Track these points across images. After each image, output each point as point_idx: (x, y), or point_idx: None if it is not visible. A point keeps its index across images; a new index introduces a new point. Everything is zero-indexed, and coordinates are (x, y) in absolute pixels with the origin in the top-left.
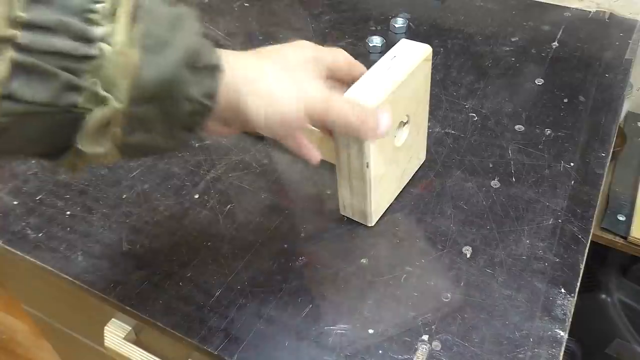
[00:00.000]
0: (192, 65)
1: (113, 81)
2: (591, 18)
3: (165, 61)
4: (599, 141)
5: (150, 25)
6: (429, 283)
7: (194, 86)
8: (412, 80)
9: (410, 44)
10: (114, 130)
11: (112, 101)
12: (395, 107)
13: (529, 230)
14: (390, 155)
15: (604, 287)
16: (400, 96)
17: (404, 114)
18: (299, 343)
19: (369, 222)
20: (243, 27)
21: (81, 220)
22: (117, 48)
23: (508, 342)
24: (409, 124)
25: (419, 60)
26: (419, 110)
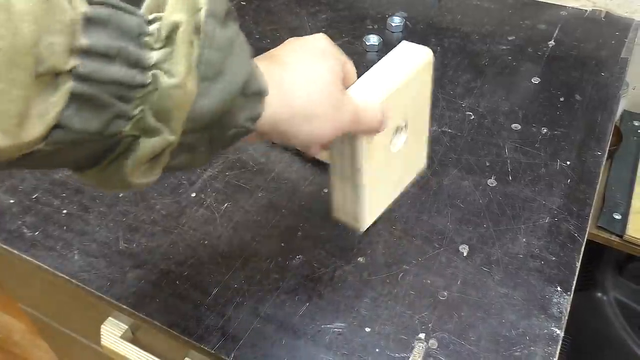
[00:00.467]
0: (244, 93)
1: (168, 112)
2: (587, 17)
3: (221, 91)
4: (595, 140)
5: (208, 50)
6: (425, 281)
7: (243, 112)
8: (410, 85)
9: (411, 47)
10: (165, 154)
11: (165, 133)
12: (392, 111)
13: (525, 229)
14: (384, 161)
15: (600, 285)
16: (398, 100)
17: (401, 119)
18: (296, 341)
19: (360, 228)
20: (240, 26)
21: (78, 219)
22: (174, 81)
23: (504, 340)
24: (406, 129)
25: (420, 64)
26: (418, 116)
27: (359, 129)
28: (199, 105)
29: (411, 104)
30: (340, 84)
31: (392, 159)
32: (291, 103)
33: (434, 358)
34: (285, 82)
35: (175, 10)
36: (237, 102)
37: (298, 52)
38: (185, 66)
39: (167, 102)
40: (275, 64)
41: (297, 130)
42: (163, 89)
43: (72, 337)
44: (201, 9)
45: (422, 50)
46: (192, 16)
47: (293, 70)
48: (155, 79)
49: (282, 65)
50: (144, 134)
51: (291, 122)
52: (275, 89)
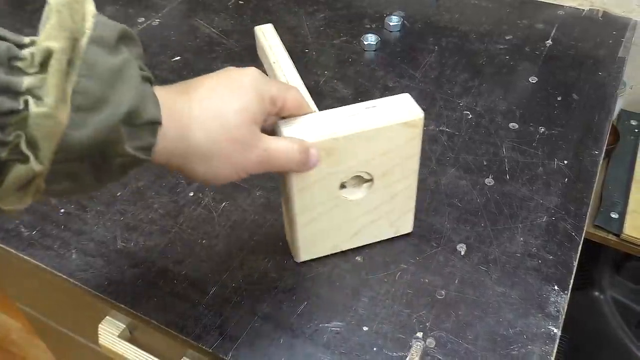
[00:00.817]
0: (130, 122)
1: (35, 141)
2: (585, 16)
3: (99, 121)
4: (592, 139)
5: (87, 81)
6: (423, 280)
7: (130, 141)
8: (377, 138)
9: (405, 102)
10: (37, 182)
11: (33, 161)
12: (340, 157)
13: (522, 228)
14: (330, 204)
15: (597, 284)
16: (351, 148)
17: (359, 168)
18: (294, 340)
19: (296, 258)
20: (238, 25)
21: (75, 218)
22: (43, 110)
23: (502, 339)
24: (372, 182)
25: (396, 122)
26: (395, 174)
27: (273, 170)
28: (71, 136)
29: (381, 159)
30: (254, 123)
31: (348, 207)
32: (187, 139)
33: (432, 357)
34: (185, 116)
35: (51, 35)
36: (120, 132)
37: (212, 85)
38: (55, 96)
39: (36, 130)
40: (182, 94)
41: (192, 168)
42: (32, 117)
43: (70, 336)
44: (84, 35)
45: (411, 109)
46: (70, 43)
47: (198, 104)
48: (26, 105)
49: (189, 97)
50: (19, 161)
51: (186, 159)
52: (172, 122)
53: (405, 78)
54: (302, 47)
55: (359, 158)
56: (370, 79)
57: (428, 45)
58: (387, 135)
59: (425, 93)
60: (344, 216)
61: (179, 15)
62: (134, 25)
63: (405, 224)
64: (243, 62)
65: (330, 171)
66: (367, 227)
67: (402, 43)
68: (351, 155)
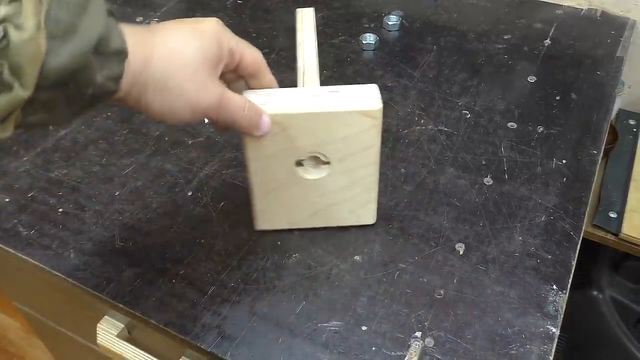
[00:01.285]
0: (99, 51)
1: (20, 67)
2: (583, 16)
3: (72, 48)
4: (591, 138)
5: (57, 9)
6: (422, 280)
7: (100, 71)
8: (334, 123)
9: (368, 91)
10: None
11: (18, 88)
12: (296, 134)
13: (521, 227)
14: (286, 180)
15: (596, 283)
16: (307, 127)
17: (315, 149)
18: (293, 340)
19: (255, 225)
20: (236, 24)
21: (73, 218)
22: (24, 35)
23: (500, 339)
24: (330, 165)
25: (353, 109)
26: (353, 162)
27: (226, 120)
28: (49, 63)
29: (338, 144)
30: (212, 67)
31: (306, 186)
32: (147, 70)
33: (431, 356)
34: (148, 49)
35: None
36: (92, 60)
37: (175, 27)
38: (34, 21)
39: (20, 56)
40: (148, 32)
41: (150, 99)
42: (14, 44)
43: (68, 335)
44: None
45: (371, 100)
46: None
47: (162, 40)
48: (6, 33)
49: (153, 34)
50: (1, 90)
51: (146, 88)
52: (136, 54)
53: (403, 77)
54: None
55: (315, 139)
56: (368, 78)
57: (426, 45)
58: (344, 121)
59: (424, 92)
60: (302, 194)
61: (178, 15)
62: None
63: (366, 215)
64: None
65: (286, 147)
66: (325, 209)
67: (400, 43)
68: (307, 134)
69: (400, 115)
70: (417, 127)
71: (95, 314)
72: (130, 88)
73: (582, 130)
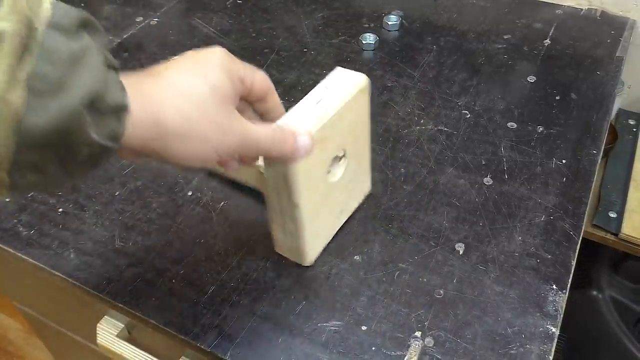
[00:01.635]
0: (93, 108)
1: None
2: (583, 16)
3: (59, 106)
4: (591, 138)
5: (44, 64)
6: (421, 280)
7: (95, 129)
8: (346, 113)
9: (346, 73)
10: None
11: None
12: (328, 142)
13: (521, 227)
14: (323, 192)
15: (595, 283)
16: (333, 130)
17: (338, 148)
18: (292, 340)
19: (304, 262)
20: (236, 24)
21: (73, 218)
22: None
23: (500, 338)
24: (345, 158)
25: (354, 91)
26: (357, 143)
27: (257, 154)
28: (30, 122)
29: (348, 132)
30: (228, 101)
31: (333, 189)
32: (161, 122)
33: (430, 356)
34: (156, 99)
35: (3, 18)
36: (82, 119)
37: (180, 66)
38: (7, 77)
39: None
40: (148, 77)
41: (170, 151)
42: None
43: (68, 335)
44: (41, 19)
45: (356, 77)
46: (24, 26)
47: (165, 83)
48: None
49: (155, 78)
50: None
51: (163, 141)
52: (142, 105)
53: (403, 77)
54: (301, 46)
55: (337, 137)
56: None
57: (426, 45)
58: (350, 107)
59: (424, 92)
60: (331, 199)
61: (178, 15)
62: (132, 24)
63: (366, 185)
64: None
65: (321, 160)
66: (345, 202)
67: (400, 42)
68: (333, 136)
69: (400, 115)
70: (417, 127)
71: (95, 314)
72: (144, 143)
73: (582, 130)
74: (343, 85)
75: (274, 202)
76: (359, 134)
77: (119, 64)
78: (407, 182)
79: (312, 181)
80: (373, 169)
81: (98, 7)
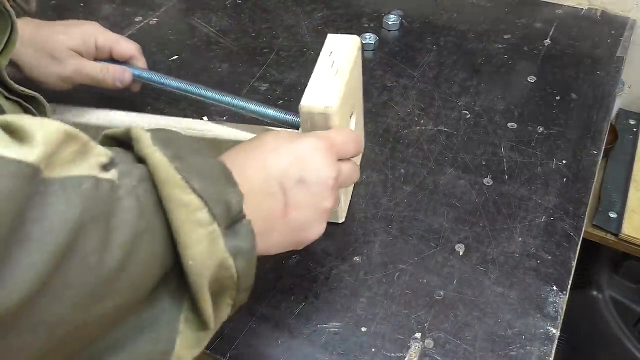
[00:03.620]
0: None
1: None
2: (583, 15)
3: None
4: (591, 138)
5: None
6: (421, 281)
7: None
8: (353, 72)
9: (340, 38)
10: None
11: None
12: (349, 99)
13: (521, 228)
14: None
15: (595, 283)
16: (349, 89)
17: (352, 106)
18: (292, 341)
19: (340, 219)
20: (235, 24)
21: None
22: None
23: (500, 340)
24: (354, 114)
25: (354, 51)
26: (358, 100)
27: (90, 81)
28: None
29: (355, 90)
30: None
31: None
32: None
33: (430, 357)
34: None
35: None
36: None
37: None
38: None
39: None
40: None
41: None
42: None
43: None
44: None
45: (350, 39)
46: None
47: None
48: None
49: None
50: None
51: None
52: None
53: (403, 77)
54: (301, 46)
55: (351, 95)
56: (368, 78)
57: (426, 45)
58: (355, 66)
59: (424, 92)
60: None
61: (177, 14)
62: (131, 24)
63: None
64: (240, 61)
65: (346, 115)
66: None
67: (400, 42)
68: (349, 95)
69: (400, 115)
70: (417, 127)
71: None
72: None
73: (582, 130)
74: (344, 48)
75: None
76: (359, 91)
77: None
78: (407, 183)
79: None
80: (373, 169)
81: (97, 6)
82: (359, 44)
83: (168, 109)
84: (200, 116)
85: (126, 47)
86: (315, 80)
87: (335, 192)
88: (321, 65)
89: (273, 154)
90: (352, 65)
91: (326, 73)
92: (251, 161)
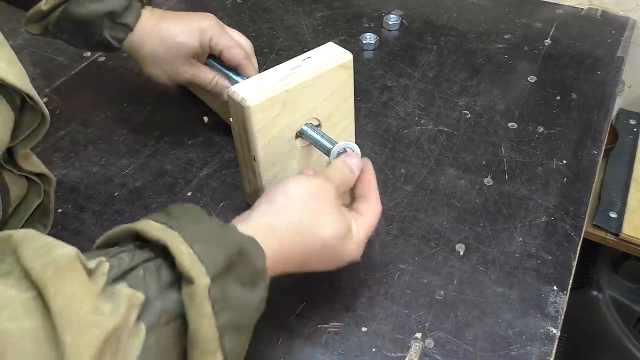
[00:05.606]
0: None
1: None
2: (583, 15)
3: None
4: (591, 138)
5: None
6: (422, 281)
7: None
8: (321, 83)
9: (333, 48)
10: None
11: None
12: (294, 106)
13: (521, 228)
14: (287, 154)
15: (596, 283)
16: (301, 96)
17: (309, 115)
18: (292, 341)
19: None
20: (236, 24)
21: (73, 218)
22: None
23: (501, 340)
24: (320, 127)
25: (332, 65)
26: (337, 116)
27: (205, 87)
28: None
29: (324, 102)
30: (190, 54)
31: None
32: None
33: (431, 357)
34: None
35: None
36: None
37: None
38: None
39: None
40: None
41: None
42: None
43: None
44: None
45: (341, 53)
46: None
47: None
48: None
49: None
50: None
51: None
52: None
53: (403, 77)
54: (301, 46)
55: (309, 105)
56: (369, 78)
57: (426, 45)
58: (327, 80)
59: (424, 92)
60: (301, 164)
61: None
62: None
63: None
64: None
65: (287, 123)
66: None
67: (400, 42)
68: (302, 103)
69: (400, 115)
70: (417, 127)
71: None
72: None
73: (583, 130)
74: (325, 57)
75: (240, 157)
76: (340, 107)
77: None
78: (407, 183)
79: (272, 139)
80: (373, 169)
81: None
82: (346, 61)
83: (174, 105)
84: (201, 116)
85: (234, 54)
86: (265, 73)
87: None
88: (287, 64)
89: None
90: (318, 74)
91: (281, 71)
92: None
